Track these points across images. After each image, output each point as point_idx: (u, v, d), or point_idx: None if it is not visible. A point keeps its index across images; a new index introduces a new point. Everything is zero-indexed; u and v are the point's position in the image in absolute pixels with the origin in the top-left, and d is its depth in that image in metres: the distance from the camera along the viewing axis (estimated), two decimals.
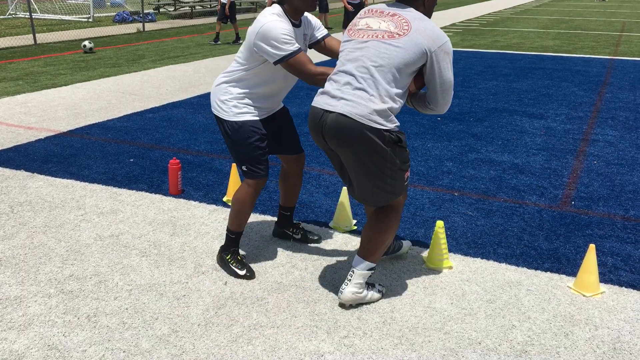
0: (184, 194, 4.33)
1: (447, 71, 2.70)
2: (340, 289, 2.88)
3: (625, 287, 3.13)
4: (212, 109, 3.18)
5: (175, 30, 15.55)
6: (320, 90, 2.79)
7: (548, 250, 3.53)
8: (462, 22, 18.22)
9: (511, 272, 3.27)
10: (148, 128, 6.08)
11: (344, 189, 3.76)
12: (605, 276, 3.23)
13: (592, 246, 3.02)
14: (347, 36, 2.82)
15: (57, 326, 2.71)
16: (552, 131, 6.10)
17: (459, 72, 9.47)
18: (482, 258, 3.42)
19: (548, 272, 3.27)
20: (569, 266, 3.33)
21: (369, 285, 2.96)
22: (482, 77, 9.08)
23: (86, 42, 11.21)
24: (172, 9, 19.97)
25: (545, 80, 8.85)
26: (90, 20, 17.13)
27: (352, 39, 2.77)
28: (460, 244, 3.59)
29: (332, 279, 3.17)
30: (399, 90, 2.68)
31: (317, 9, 13.17)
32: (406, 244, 3.43)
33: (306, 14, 3.12)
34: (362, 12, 2.88)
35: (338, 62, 2.79)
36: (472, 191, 4.45)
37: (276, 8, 2.96)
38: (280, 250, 3.49)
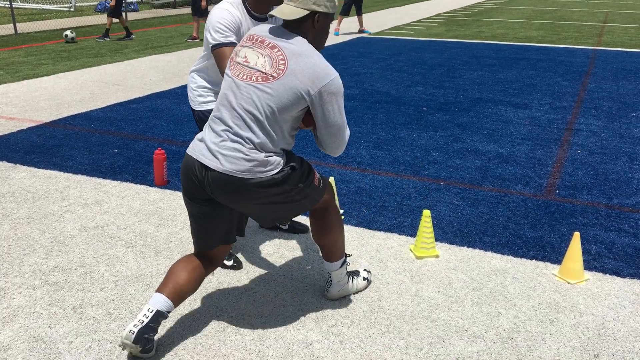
0: (170, 184, 4.30)
1: (332, 114, 2.38)
2: (325, 289, 2.88)
3: (609, 274, 3.17)
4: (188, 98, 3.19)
5: (159, 20, 15.39)
6: (198, 135, 2.49)
7: (533, 238, 3.56)
8: (446, 12, 18.24)
9: (497, 260, 3.30)
10: (132, 118, 6.02)
11: (331, 178, 3.76)
12: (590, 264, 3.26)
13: (576, 234, 3.05)
14: (228, 67, 2.49)
15: (43, 318, 2.68)
16: (536, 121, 6.14)
17: (444, 63, 9.49)
18: (468, 247, 3.45)
19: (533, 260, 3.30)
20: (553, 254, 3.37)
21: (352, 274, 2.95)
22: (467, 68, 9.10)
23: (68, 32, 11.06)
24: None
25: (529, 71, 8.90)
26: (71, 9, 16.90)
27: (230, 77, 2.45)
28: (447, 233, 3.61)
29: (319, 269, 3.17)
30: (281, 135, 2.40)
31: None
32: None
33: None
34: (245, 37, 2.51)
35: (216, 103, 2.49)
36: (458, 181, 4.47)
37: None
38: (267, 241, 3.48)
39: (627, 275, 3.15)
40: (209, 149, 2.39)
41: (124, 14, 15.02)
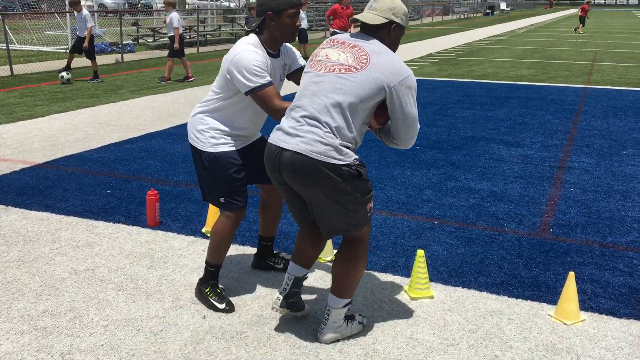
0: (162, 225, 4.27)
1: (409, 106, 2.62)
2: (319, 330, 2.84)
3: (605, 314, 3.13)
4: (189, 140, 3.15)
5: (154, 61, 15.57)
6: (276, 125, 2.73)
7: (528, 278, 3.53)
8: (438, 52, 18.54)
9: (492, 300, 3.26)
10: (126, 159, 6.03)
11: None
12: (586, 304, 3.23)
13: (571, 274, 3.03)
14: (307, 67, 2.77)
15: None
16: (528, 159, 6.18)
17: (436, 101, 9.59)
18: (463, 287, 3.41)
19: (529, 301, 3.27)
20: (549, 294, 3.34)
21: (349, 317, 2.91)
22: (460, 106, 9.20)
23: (63, 73, 11.14)
24: (151, 40, 20.01)
25: (520, 109, 9.00)
26: (67, 51, 17.07)
27: (311, 71, 2.71)
28: (441, 273, 3.58)
29: (312, 311, 3.13)
30: (356, 125, 2.62)
31: (297, 39, 13.34)
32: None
33: (285, 43, 3.14)
34: (325, 42, 2.81)
35: (296, 95, 2.72)
36: (452, 219, 4.46)
37: (252, 38, 2.96)
38: (260, 282, 3.44)
39: (624, 316, 3.12)
40: (287, 132, 2.63)
41: (122, 54, 15.16)
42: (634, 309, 3.19)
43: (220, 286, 3.25)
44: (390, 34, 2.71)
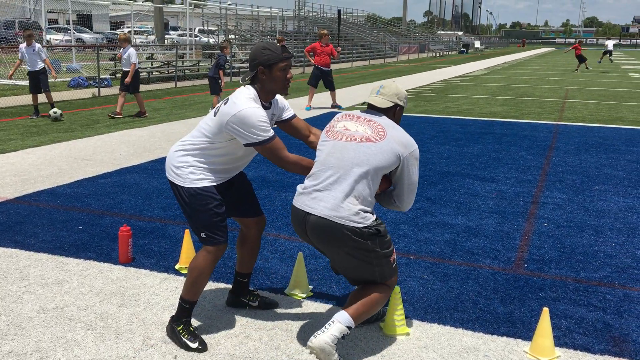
0: (134, 262, 4.20)
1: (414, 175, 3.01)
2: (315, 334, 2.79)
3: (580, 350, 3.13)
4: (167, 175, 3.13)
5: (131, 95, 15.53)
6: (300, 188, 2.99)
7: (503, 314, 3.53)
8: (414, 88, 18.84)
9: (468, 337, 3.25)
10: (99, 194, 5.95)
11: (300, 254, 3.72)
12: (560, 339, 3.23)
13: (545, 310, 3.03)
14: (325, 136, 3.06)
15: None
16: (503, 194, 6.25)
17: (413, 137, 9.68)
18: (439, 323, 3.39)
19: (504, 337, 3.26)
20: (524, 330, 3.33)
21: None
22: (435, 142, 9.31)
23: (52, 110, 10.72)
24: None
25: (495, 145, 9.14)
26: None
27: (331, 140, 3.00)
28: (417, 309, 3.56)
29: (287, 349, 3.07)
30: (373, 191, 2.91)
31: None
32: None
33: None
34: (338, 116, 3.14)
35: (317, 161, 2.99)
36: (428, 255, 4.46)
37: (251, 91, 3.01)
38: (233, 320, 3.38)
39: (598, 352, 3.12)
40: (313, 197, 2.92)
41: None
42: (608, 344, 3.20)
43: (193, 325, 3.18)
44: (394, 114, 3.11)
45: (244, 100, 2.94)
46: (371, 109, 3.13)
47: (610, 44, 35.89)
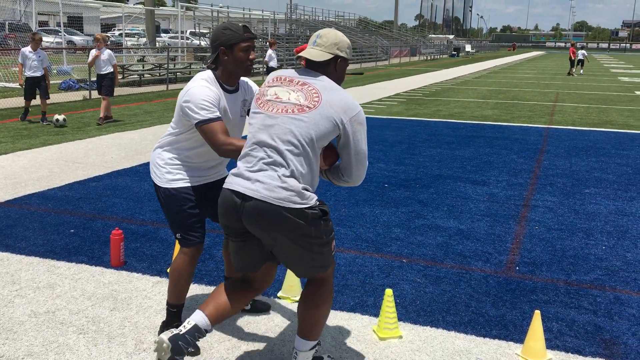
0: (127, 265, 4.18)
1: (361, 142, 2.64)
2: None
3: (572, 352, 3.16)
4: (151, 174, 3.14)
5: (123, 98, 15.49)
6: (233, 170, 2.64)
7: (495, 316, 3.54)
8: (406, 92, 18.90)
9: (460, 340, 3.26)
10: (91, 197, 5.93)
11: None
12: (552, 342, 3.25)
13: (537, 312, 3.05)
14: (255, 106, 2.69)
15: None
16: (494, 197, 6.28)
17: (404, 140, 9.73)
18: (431, 326, 3.41)
19: (496, 340, 3.27)
20: (516, 332, 3.35)
21: (317, 359, 2.87)
22: (427, 145, 9.34)
23: (57, 117, 10.32)
24: (120, 77, 19.96)
25: (486, 148, 9.18)
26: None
27: (261, 112, 2.64)
28: (410, 312, 3.57)
29: (280, 353, 3.07)
30: (314, 167, 2.59)
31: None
32: None
33: (247, 79, 3.15)
34: (270, 78, 2.74)
35: (248, 137, 2.65)
36: (420, 258, 4.48)
37: (207, 73, 2.96)
38: (226, 324, 3.38)
39: (589, 354, 3.14)
40: (247, 178, 2.55)
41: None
42: (598, 347, 3.22)
43: None
44: (336, 68, 2.71)
45: (195, 81, 2.91)
46: (309, 63, 2.71)
47: (580, 53, 34.60)
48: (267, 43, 19.43)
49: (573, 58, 29.54)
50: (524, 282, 4.06)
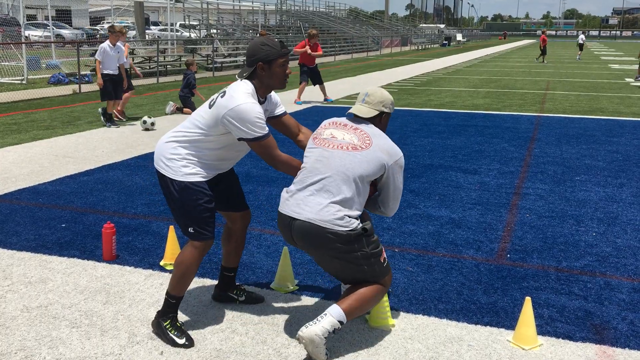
0: (119, 259, 4.18)
1: (399, 182, 3.08)
2: (306, 325, 2.81)
3: (562, 338, 3.19)
4: (157, 166, 3.10)
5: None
6: (286, 194, 3.03)
7: (487, 304, 3.57)
8: (397, 82, 18.89)
9: (452, 327, 3.29)
10: (82, 191, 5.90)
11: (285, 248, 3.73)
12: (543, 328, 3.28)
13: (528, 299, 3.08)
14: (312, 143, 3.10)
15: None
16: (485, 186, 6.30)
17: (395, 130, 9.74)
18: (423, 314, 3.43)
19: (488, 327, 3.30)
20: (507, 319, 3.38)
21: None
22: (418, 135, 9.36)
23: (146, 118, 9.52)
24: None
25: (477, 137, 9.20)
26: (24, 82, 16.78)
27: (318, 147, 3.04)
28: (402, 301, 3.59)
29: (273, 343, 3.09)
30: (359, 198, 2.94)
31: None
32: None
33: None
34: (325, 122, 3.17)
35: (304, 168, 3.02)
36: (412, 247, 4.50)
37: (249, 86, 3.00)
38: (220, 315, 3.39)
39: (579, 339, 3.17)
40: (297, 202, 2.95)
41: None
42: (589, 332, 3.25)
43: (179, 320, 3.18)
44: (381, 121, 3.15)
45: (242, 95, 2.93)
46: (357, 118, 3.14)
47: (580, 38, 35.65)
48: (258, 34, 19.35)
49: (543, 46, 30.28)
50: (515, 270, 4.09)
